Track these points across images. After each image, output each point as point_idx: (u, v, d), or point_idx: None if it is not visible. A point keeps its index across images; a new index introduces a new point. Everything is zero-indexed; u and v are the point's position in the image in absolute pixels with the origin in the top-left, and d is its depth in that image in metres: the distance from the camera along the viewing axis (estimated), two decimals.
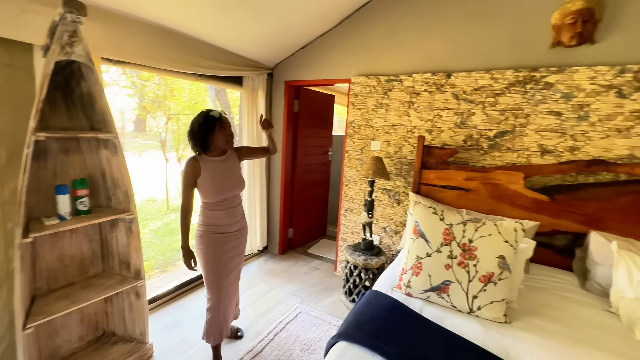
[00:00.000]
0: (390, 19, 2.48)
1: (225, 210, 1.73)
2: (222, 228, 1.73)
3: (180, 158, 6.28)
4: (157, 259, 3.81)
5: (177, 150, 6.36)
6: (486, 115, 2.19)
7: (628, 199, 1.77)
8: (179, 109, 6.54)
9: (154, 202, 6.11)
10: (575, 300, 1.59)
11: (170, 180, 5.99)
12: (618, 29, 1.80)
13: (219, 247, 1.73)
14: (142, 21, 1.92)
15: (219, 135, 1.64)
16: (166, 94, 6.39)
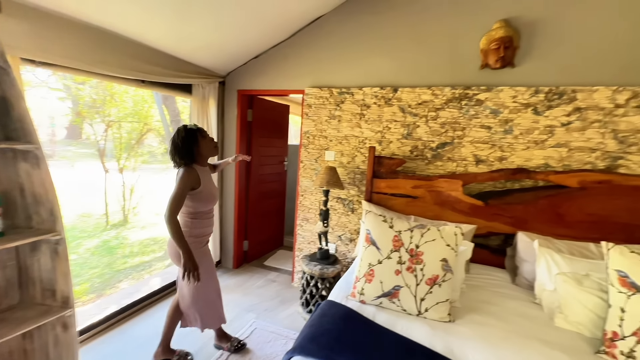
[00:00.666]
0: (342, 34, 2.58)
1: (211, 219, 1.87)
2: (205, 238, 1.86)
3: (123, 168, 5.76)
4: (93, 282, 3.41)
5: (119, 160, 5.82)
6: (429, 128, 2.37)
7: (545, 202, 2.04)
8: (120, 116, 6.03)
9: (90, 218, 5.49)
10: (507, 295, 1.77)
11: (110, 193, 5.44)
12: (532, 56, 2.09)
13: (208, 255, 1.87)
14: (73, 21, 1.75)
15: (203, 143, 1.74)
16: (105, 99, 5.85)
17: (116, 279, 3.50)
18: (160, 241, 4.97)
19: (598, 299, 1.42)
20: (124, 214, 5.65)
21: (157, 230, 5.45)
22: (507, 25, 2.06)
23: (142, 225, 5.70)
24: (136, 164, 6.04)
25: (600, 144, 1.98)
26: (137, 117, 6.04)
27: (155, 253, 4.35)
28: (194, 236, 1.75)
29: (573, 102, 2.01)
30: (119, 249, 4.43)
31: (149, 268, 3.84)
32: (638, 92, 1.88)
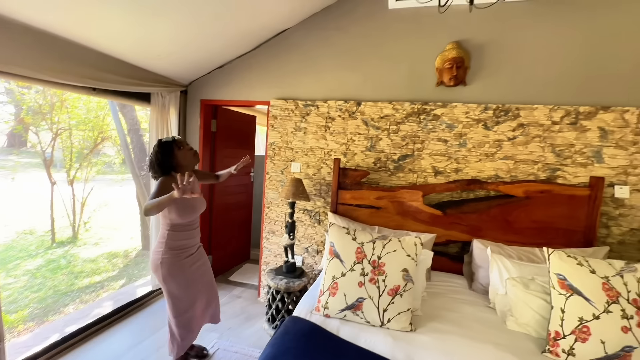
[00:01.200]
0: (308, 48, 2.62)
1: (193, 231, 1.82)
2: (188, 250, 1.80)
3: (73, 180, 5.30)
4: (33, 307, 3.05)
5: (69, 170, 5.36)
6: (391, 141, 2.46)
7: (496, 210, 2.18)
8: (72, 124, 5.58)
9: (33, 235, 4.97)
10: (465, 301, 1.85)
11: (57, 207, 4.97)
12: (481, 76, 2.27)
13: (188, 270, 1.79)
14: (13, 22, 1.60)
15: (180, 154, 1.73)
16: (54, 105, 5.40)
17: (61, 303, 3.17)
18: (117, 256, 4.60)
19: (542, 301, 1.53)
20: (74, 229, 5.18)
21: (113, 245, 5.05)
22: (459, 46, 2.23)
23: (95, 241, 5.25)
24: (89, 174, 5.60)
25: (541, 157, 2.18)
26: (91, 124, 5.64)
27: (108, 272, 4.01)
28: (172, 248, 1.74)
29: (517, 119, 2.20)
30: (66, 269, 4.03)
31: (100, 289, 3.53)
32: (570, 110, 2.11)
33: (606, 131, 2.07)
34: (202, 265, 1.92)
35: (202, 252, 1.96)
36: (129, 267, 4.19)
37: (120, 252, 4.76)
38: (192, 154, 1.79)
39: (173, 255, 1.74)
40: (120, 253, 4.71)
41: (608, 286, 1.34)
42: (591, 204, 2.02)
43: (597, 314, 1.32)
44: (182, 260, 1.77)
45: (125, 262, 4.42)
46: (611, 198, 2.08)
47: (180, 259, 1.77)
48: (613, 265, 1.40)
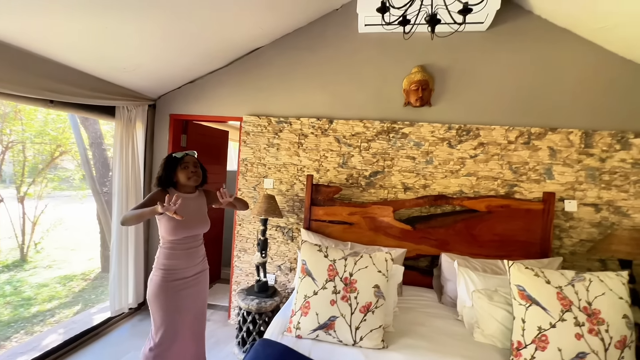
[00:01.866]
0: (281, 66, 2.66)
1: (185, 251, 1.68)
2: (180, 272, 1.65)
3: (24, 197, 4.86)
4: None
5: (20, 186, 4.93)
6: (362, 158, 2.52)
7: (461, 225, 2.29)
8: (26, 136, 5.18)
9: None
10: (435, 315, 1.89)
11: (3, 227, 4.52)
12: (444, 98, 2.42)
13: (174, 295, 1.62)
14: None
15: (180, 173, 1.69)
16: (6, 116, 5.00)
17: (2, 336, 2.83)
18: (73, 279, 4.22)
19: (506, 312, 1.60)
20: (22, 251, 4.71)
21: (69, 268, 4.63)
22: (424, 70, 2.37)
23: (48, 263, 4.80)
24: (43, 191, 5.18)
25: (500, 174, 2.33)
26: (48, 137, 5.26)
27: (61, 298, 3.66)
28: (161, 267, 1.63)
29: (477, 138, 2.35)
30: (12, 295, 3.63)
31: (50, 318, 3.20)
32: (523, 131, 2.29)
33: (555, 150, 2.27)
34: (196, 294, 1.72)
35: (201, 279, 1.76)
36: (86, 292, 3.86)
37: (77, 275, 4.38)
38: (187, 176, 1.68)
39: (161, 275, 1.61)
40: (77, 276, 4.33)
41: (562, 295, 1.44)
42: (545, 218, 2.18)
43: (553, 322, 1.40)
44: (169, 282, 1.62)
45: (81, 286, 4.06)
46: (562, 212, 2.26)
47: (168, 281, 1.61)
48: (565, 275, 1.50)
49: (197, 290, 1.73)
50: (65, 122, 4.92)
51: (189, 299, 1.68)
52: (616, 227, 2.19)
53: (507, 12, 2.28)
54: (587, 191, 2.24)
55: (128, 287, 2.66)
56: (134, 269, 2.67)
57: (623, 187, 2.20)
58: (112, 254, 2.54)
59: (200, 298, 1.76)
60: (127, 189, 2.56)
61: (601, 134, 2.21)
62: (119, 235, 2.54)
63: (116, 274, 2.54)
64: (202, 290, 1.77)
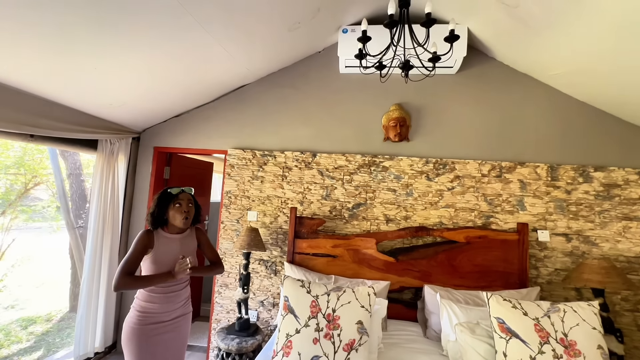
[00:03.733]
0: (265, 102, 2.77)
1: (165, 295, 1.58)
2: (157, 316, 1.56)
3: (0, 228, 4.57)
4: None
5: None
6: (345, 190, 2.58)
7: (442, 256, 2.33)
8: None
9: None
10: (420, 350, 1.86)
11: None
12: (421, 133, 2.57)
13: (149, 341, 1.53)
14: None
15: (172, 211, 1.62)
16: None
17: None
18: (36, 322, 3.88)
19: (488, 346, 1.61)
20: None
21: (33, 309, 4.28)
22: (401, 108, 2.53)
23: (11, 303, 4.42)
24: (12, 222, 4.90)
25: (476, 205, 2.44)
26: (23, 167, 5.09)
27: (21, 343, 3.35)
28: (138, 310, 1.56)
29: (453, 171, 2.47)
30: None
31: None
32: (495, 165, 2.44)
33: (525, 183, 2.41)
34: (173, 339, 1.62)
35: (181, 324, 1.66)
36: (50, 335, 3.55)
37: (41, 316, 4.05)
38: (180, 217, 1.61)
39: (136, 316, 1.54)
40: (41, 318, 4.00)
41: (539, 327, 1.47)
42: (520, 248, 2.26)
43: (533, 355, 1.41)
44: (144, 326, 1.53)
45: (45, 328, 3.74)
46: (536, 241, 2.35)
47: (143, 324, 1.53)
48: (541, 307, 1.54)
49: (174, 336, 1.62)
50: (44, 152, 4.80)
51: (165, 344, 1.58)
52: (587, 256, 2.30)
53: (473, 58, 2.51)
54: (557, 221, 2.36)
55: (96, 328, 2.48)
56: (104, 308, 2.51)
57: (589, 217, 2.33)
58: (81, 291, 2.40)
59: (177, 344, 1.65)
60: (104, 222, 2.49)
61: (565, 167, 2.38)
62: (91, 270, 2.43)
63: (84, 313, 2.39)
64: (180, 336, 1.67)
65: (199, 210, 1.76)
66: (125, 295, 2.79)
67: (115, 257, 2.59)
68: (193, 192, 1.74)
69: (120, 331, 2.75)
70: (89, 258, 2.42)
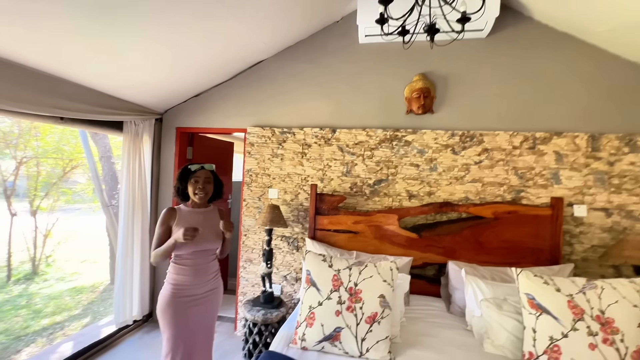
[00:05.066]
0: (283, 78, 2.71)
1: (193, 267, 1.63)
2: (188, 289, 1.62)
3: (37, 211, 4.98)
4: None
5: (33, 200, 5.05)
6: (366, 166, 2.52)
7: (468, 232, 2.25)
8: (40, 152, 5.33)
9: None
10: (443, 325, 1.85)
11: (16, 240, 4.61)
12: (446, 105, 2.42)
13: (182, 313, 1.59)
14: None
15: (189, 186, 1.67)
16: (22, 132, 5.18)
17: (13, 349, 2.86)
18: (83, 291, 4.26)
19: (516, 322, 1.56)
20: (34, 264, 4.79)
21: (79, 280, 4.69)
22: (425, 78, 2.39)
23: (59, 276, 4.86)
24: (55, 204, 5.29)
25: (506, 179, 2.31)
26: (61, 153, 5.41)
27: (70, 310, 3.70)
28: (170, 281, 1.63)
29: (482, 144, 2.33)
30: (23, 309, 3.68)
31: (60, 330, 3.23)
32: (528, 136, 2.27)
33: (561, 155, 2.24)
34: (204, 312, 1.66)
35: (211, 297, 1.69)
36: (95, 304, 3.89)
37: (87, 287, 4.43)
38: (197, 192, 1.65)
39: (170, 289, 1.60)
40: (86, 288, 4.38)
41: (573, 304, 1.40)
42: (554, 223, 2.14)
43: (565, 332, 1.36)
44: (178, 298, 1.58)
45: (90, 298, 4.10)
46: (571, 217, 2.21)
47: (177, 297, 1.58)
48: (576, 283, 1.46)
49: (206, 309, 1.67)
50: (78, 137, 5.06)
51: (197, 316, 1.63)
52: (628, 232, 2.14)
53: (506, 19, 2.29)
54: (596, 195, 2.19)
55: (133, 299, 2.67)
56: (140, 281, 2.69)
57: (634, 190, 2.15)
58: (117, 266, 2.57)
59: (208, 317, 1.70)
60: (133, 201, 2.61)
61: (608, 137, 2.18)
62: (124, 246, 2.58)
63: (121, 285, 2.57)
64: (211, 309, 1.71)
65: (220, 187, 1.79)
66: (158, 268, 2.97)
67: (146, 233, 2.74)
68: (214, 169, 1.76)
69: (155, 302, 2.96)
70: (122, 234, 2.57)
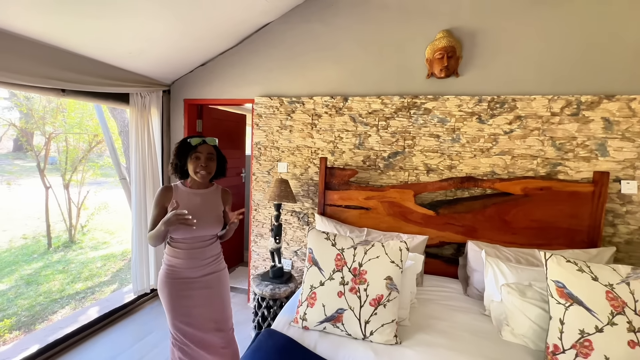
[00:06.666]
0: (291, 42, 2.49)
1: (187, 251, 1.49)
2: (183, 272, 1.50)
3: (69, 184, 5.26)
4: (20, 315, 3.00)
5: (65, 174, 5.33)
6: (380, 137, 2.32)
7: (492, 209, 2.04)
8: (66, 127, 5.55)
9: (29, 240, 4.95)
10: (458, 308, 1.72)
11: (52, 211, 4.94)
12: (474, 66, 2.12)
13: (177, 295, 1.49)
14: None
15: (190, 163, 1.50)
16: (52, 108, 5.39)
17: (50, 310, 3.11)
18: (112, 258, 4.55)
19: (540, 310, 1.40)
20: (70, 234, 5.15)
21: (110, 248, 5.01)
22: (450, 35, 2.08)
23: (93, 244, 5.21)
24: (85, 178, 5.57)
25: (541, 151, 2.03)
26: (84, 128, 5.60)
27: (100, 277, 3.95)
28: (165, 262, 1.52)
29: (514, 111, 2.04)
30: (60, 274, 3.99)
31: (91, 295, 3.47)
32: (571, 100, 1.95)
33: (611, 122, 1.91)
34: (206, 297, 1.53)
35: (212, 283, 1.55)
36: (122, 272, 4.13)
37: (116, 254, 4.72)
38: (198, 170, 1.48)
39: (165, 270, 1.51)
40: (116, 256, 4.66)
41: (612, 295, 1.20)
42: (595, 201, 1.87)
43: (600, 326, 1.18)
44: (172, 280, 1.49)
45: (119, 265, 4.36)
46: (617, 194, 1.92)
47: (172, 278, 1.49)
48: (618, 271, 1.25)
49: (207, 293, 1.53)
50: (93, 113, 5.17)
51: (196, 301, 1.51)
52: None
53: None
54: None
55: (149, 269, 2.75)
56: (154, 251, 2.75)
57: None
58: (133, 237, 2.63)
59: (216, 302, 1.56)
60: (144, 175, 2.61)
61: None
62: (137, 219, 2.62)
63: (137, 256, 2.64)
64: (214, 293, 1.55)
65: (223, 164, 1.61)
66: None
67: None
68: (217, 143, 1.57)
69: None
70: (135, 207, 2.60)
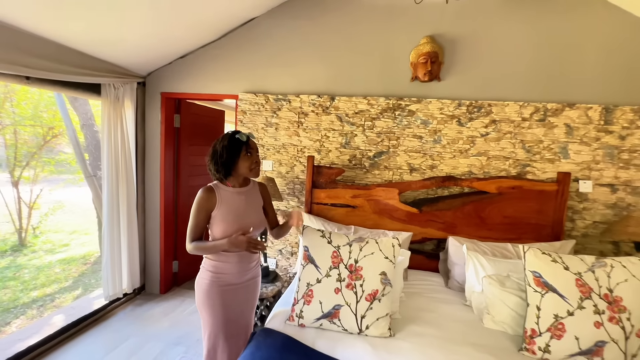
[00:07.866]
0: (277, 38, 2.47)
1: (238, 254, 1.45)
2: (230, 277, 1.45)
3: (18, 181, 4.75)
4: None
5: (13, 170, 4.80)
6: (366, 137, 2.38)
7: (470, 207, 2.18)
8: (15, 119, 5.00)
9: None
10: (442, 300, 1.82)
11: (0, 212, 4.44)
12: (455, 71, 2.25)
13: (227, 302, 1.44)
14: None
15: (243, 161, 1.42)
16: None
17: (2, 321, 2.81)
18: (73, 262, 4.19)
19: (518, 299, 1.53)
20: (20, 236, 4.66)
21: (70, 252, 4.60)
22: (433, 41, 2.19)
23: (49, 248, 4.76)
24: (38, 175, 5.06)
25: (512, 153, 2.20)
26: (40, 120, 5.08)
27: (60, 282, 3.63)
28: (209, 268, 1.45)
29: (489, 115, 2.20)
30: (11, 281, 3.60)
31: (50, 302, 3.17)
32: (539, 107, 2.14)
33: (572, 128, 2.13)
34: (245, 302, 1.52)
35: (252, 287, 1.54)
36: (85, 276, 3.83)
37: (77, 258, 4.35)
38: (253, 167, 1.44)
39: (210, 277, 1.43)
40: (77, 260, 4.30)
41: (581, 282, 1.35)
42: (559, 199, 2.08)
43: (571, 310, 1.32)
44: (219, 287, 1.43)
45: (81, 270, 4.03)
46: (576, 192, 2.15)
47: (217, 285, 1.43)
48: (585, 261, 1.41)
49: (247, 299, 1.53)
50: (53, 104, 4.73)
51: (237, 306, 1.49)
52: (633, 208, 2.09)
53: None
54: (603, 171, 2.12)
55: (122, 272, 2.58)
56: (128, 253, 2.58)
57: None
58: (103, 239, 2.46)
59: (250, 306, 1.57)
60: (117, 172, 2.44)
61: (623, 109, 2.06)
62: (110, 219, 2.45)
63: (108, 259, 2.47)
64: (252, 298, 1.57)
65: None
66: (148, 242, 2.87)
67: (132, 206, 2.60)
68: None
69: (147, 275, 2.90)
70: (107, 207, 2.43)
